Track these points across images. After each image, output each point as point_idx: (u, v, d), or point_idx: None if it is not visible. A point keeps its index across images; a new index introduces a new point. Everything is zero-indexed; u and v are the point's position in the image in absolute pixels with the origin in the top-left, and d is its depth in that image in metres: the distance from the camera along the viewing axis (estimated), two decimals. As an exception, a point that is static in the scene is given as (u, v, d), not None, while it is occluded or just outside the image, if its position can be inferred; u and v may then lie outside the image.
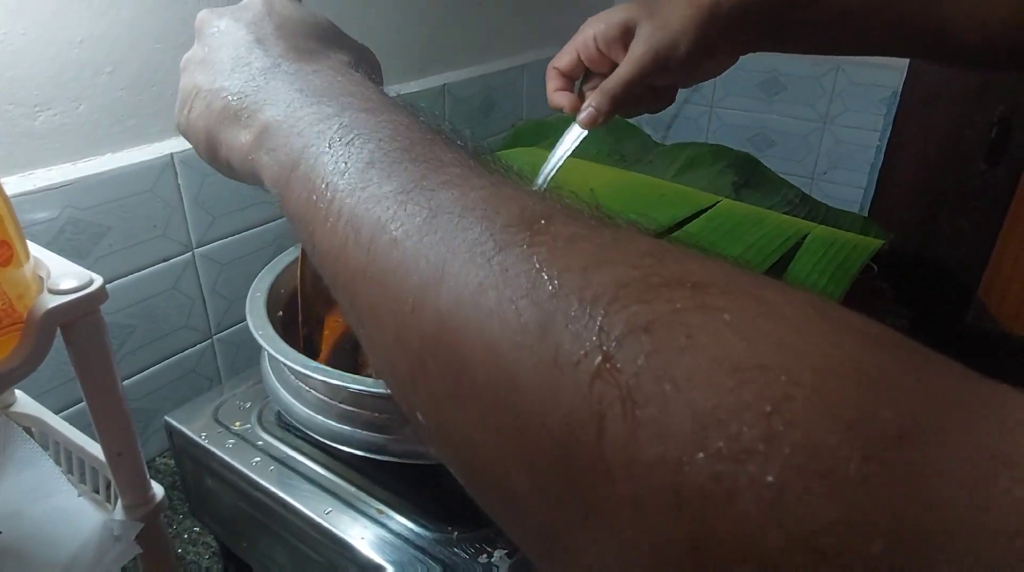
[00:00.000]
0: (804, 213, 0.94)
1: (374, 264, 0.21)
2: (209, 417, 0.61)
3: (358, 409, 0.51)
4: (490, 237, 0.19)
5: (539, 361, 0.16)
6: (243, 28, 0.33)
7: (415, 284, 0.20)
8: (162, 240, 0.70)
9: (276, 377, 0.57)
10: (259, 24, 0.33)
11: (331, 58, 0.32)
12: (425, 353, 0.20)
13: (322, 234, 0.24)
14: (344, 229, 0.23)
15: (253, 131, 0.29)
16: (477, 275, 0.19)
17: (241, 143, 0.30)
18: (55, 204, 0.61)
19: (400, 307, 0.20)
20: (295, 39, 0.33)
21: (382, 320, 0.21)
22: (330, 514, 0.52)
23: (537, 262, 0.18)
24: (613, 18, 0.51)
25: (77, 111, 0.63)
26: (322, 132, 0.26)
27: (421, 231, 0.21)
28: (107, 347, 0.40)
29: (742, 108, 1.29)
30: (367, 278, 0.22)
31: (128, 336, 0.69)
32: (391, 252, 0.21)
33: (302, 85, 0.29)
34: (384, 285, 0.21)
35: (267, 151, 0.28)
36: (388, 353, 0.21)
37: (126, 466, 0.43)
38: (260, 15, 0.34)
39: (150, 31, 0.66)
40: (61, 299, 0.36)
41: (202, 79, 0.33)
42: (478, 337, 0.18)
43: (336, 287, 0.24)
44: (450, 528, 0.51)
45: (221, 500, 0.61)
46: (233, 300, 0.78)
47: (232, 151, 0.31)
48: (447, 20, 0.99)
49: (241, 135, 0.30)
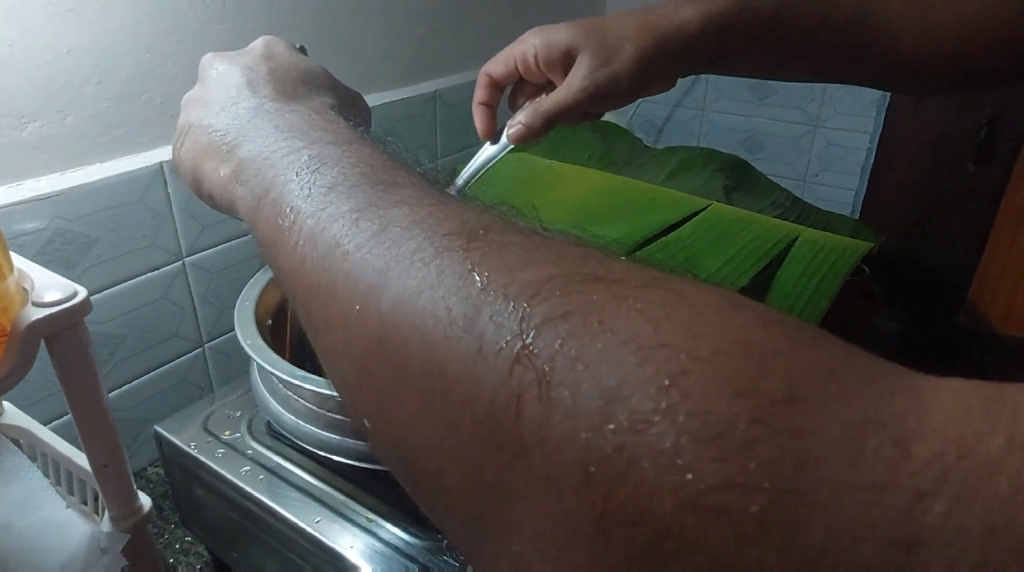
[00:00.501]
0: (795, 216, 0.94)
1: (327, 276, 0.23)
2: (199, 426, 0.61)
3: (347, 418, 0.51)
4: (430, 245, 0.21)
5: (466, 351, 0.18)
6: (238, 71, 0.35)
7: (361, 291, 0.21)
8: (152, 249, 0.69)
9: (265, 387, 0.57)
10: (254, 68, 0.36)
11: (313, 100, 0.35)
12: (369, 356, 0.21)
13: (285, 253, 0.25)
14: (303, 247, 0.24)
15: (231, 165, 0.31)
16: (415, 278, 0.20)
17: (220, 176, 0.32)
18: (43, 215, 0.61)
19: (348, 314, 0.22)
20: (283, 83, 0.35)
21: (333, 329, 0.23)
22: (320, 523, 0.52)
23: (470, 264, 0.20)
24: (556, 39, 0.51)
25: (65, 121, 0.62)
26: (291, 163, 0.28)
27: (370, 243, 0.22)
28: (91, 359, 0.39)
29: (733, 111, 1.29)
30: (321, 291, 0.23)
31: (118, 346, 0.69)
32: (342, 264, 0.22)
33: (279, 122, 0.31)
34: (335, 295, 0.22)
35: (242, 183, 0.30)
36: (338, 361, 0.23)
37: (112, 478, 0.43)
38: (257, 60, 0.36)
39: (138, 41, 0.66)
40: (45, 311, 0.36)
41: (195, 117, 0.35)
42: (414, 333, 0.19)
43: (296, 304, 0.26)
44: (440, 536, 0.51)
45: (211, 510, 0.61)
46: (223, 309, 0.78)
47: (213, 184, 0.33)
48: (437, 26, 0.99)
49: (221, 169, 0.32)
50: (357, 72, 0.89)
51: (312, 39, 0.82)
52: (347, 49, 0.87)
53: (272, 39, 0.39)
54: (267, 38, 0.39)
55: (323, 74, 0.38)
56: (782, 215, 0.93)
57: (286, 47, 0.39)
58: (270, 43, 0.38)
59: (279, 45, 0.38)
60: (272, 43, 0.38)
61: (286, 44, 0.39)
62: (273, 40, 0.39)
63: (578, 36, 0.51)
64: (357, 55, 0.89)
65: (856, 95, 1.16)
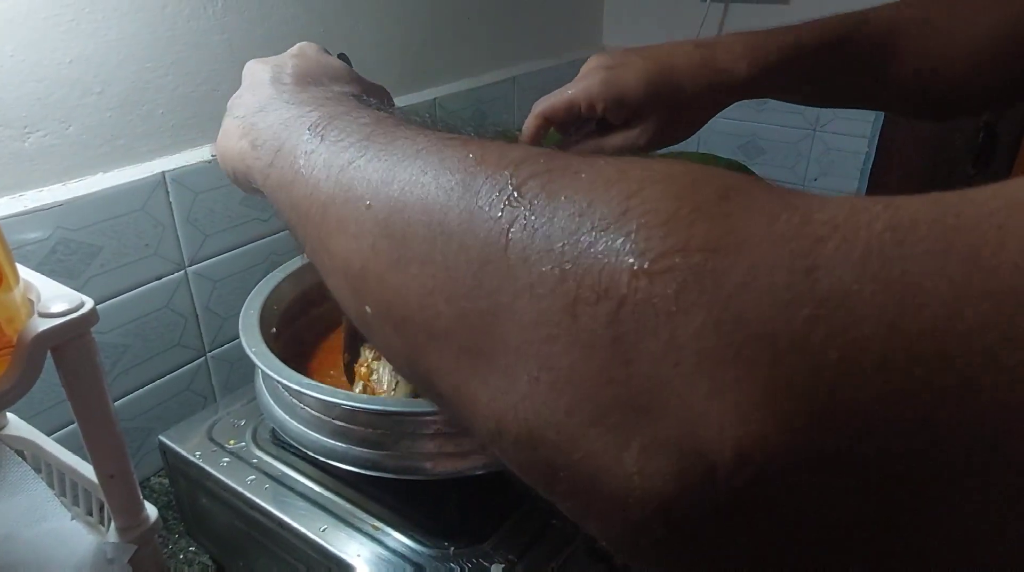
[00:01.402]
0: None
1: (340, 187, 0.27)
2: (203, 436, 0.61)
3: (352, 425, 0.51)
4: (432, 144, 0.25)
5: (464, 207, 0.22)
6: (268, 70, 0.39)
7: (373, 187, 0.25)
8: (154, 259, 0.69)
9: (270, 394, 0.57)
10: (282, 67, 0.39)
11: (331, 87, 0.38)
12: (377, 234, 0.24)
13: (300, 186, 0.29)
14: (319, 173, 0.28)
15: (248, 138, 0.35)
16: (420, 164, 0.24)
17: (238, 150, 0.36)
18: (46, 225, 0.61)
19: (358, 209, 0.25)
20: (306, 77, 0.39)
21: (345, 226, 0.26)
22: (326, 531, 0.52)
23: (468, 151, 0.23)
24: (624, 96, 0.54)
25: (67, 131, 0.63)
26: (303, 123, 0.31)
27: (379, 155, 0.26)
28: (99, 370, 0.39)
29: (732, 116, 1.29)
30: (334, 201, 0.27)
31: (121, 356, 0.69)
32: (355, 174, 0.26)
33: (292, 99, 0.35)
34: (347, 199, 0.26)
35: (256, 147, 0.34)
36: (346, 253, 0.26)
37: (119, 488, 0.43)
38: (286, 59, 0.40)
39: (139, 51, 0.66)
40: (52, 322, 0.36)
41: (233, 119, 0.39)
42: (419, 204, 0.23)
43: (307, 225, 0.29)
44: (447, 544, 0.51)
45: (216, 519, 0.61)
46: (226, 317, 0.78)
47: (232, 158, 0.37)
48: (437, 34, 1.00)
49: (239, 144, 0.36)
50: (357, 80, 0.89)
51: (313, 48, 0.82)
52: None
53: (307, 44, 0.42)
54: (303, 43, 0.43)
55: (347, 70, 0.42)
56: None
57: (317, 50, 0.42)
58: (304, 46, 0.42)
59: (311, 48, 0.42)
60: (305, 46, 0.42)
61: (318, 47, 0.43)
62: (307, 44, 0.42)
63: (647, 98, 0.54)
64: (357, 63, 0.88)
65: (854, 99, 1.16)
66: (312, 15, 0.81)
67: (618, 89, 0.53)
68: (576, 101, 0.55)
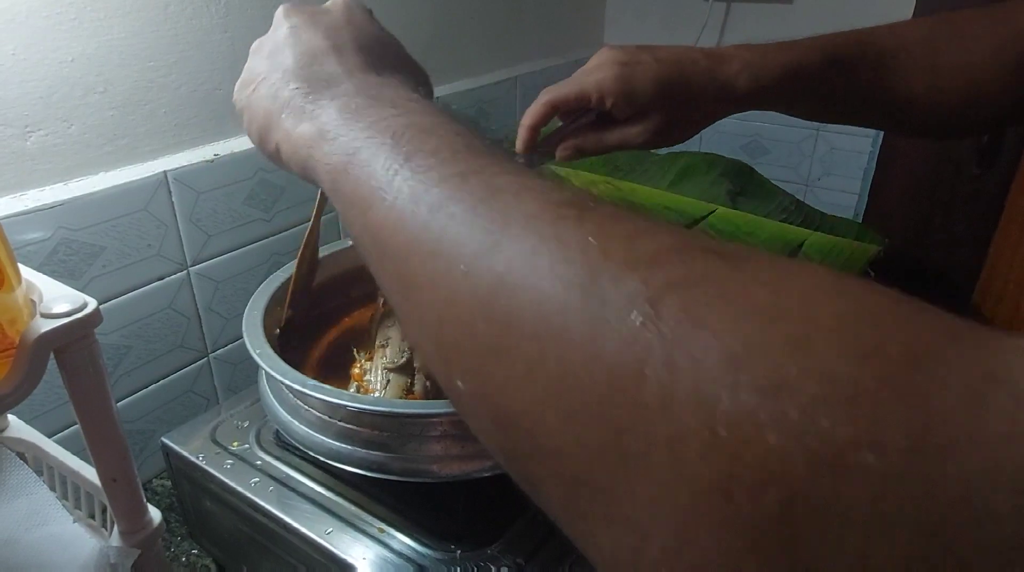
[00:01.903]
0: (799, 220, 0.94)
1: (429, 234, 0.23)
2: (206, 437, 0.61)
3: (357, 427, 0.51)
4: (545, 211, 0.21)
5: (586, 314, 0.18)
6: (321, 32, 0.35)
7: (471, 250, 0.22)
8: (157, 259, 0.69)
9: (274, 396, 0.56)
10: (338, 32, 0.35)
11: (397, 76, 0.35)
12: (475, 313, 0.21)
13: (378, 212, 0.25)
14: (402, 206, 0.24)
15: (316, 124, 0.31)
16: (531, 240, 0.21)
17: (299, 133, 0.32)
18: (48, 225, 0.60)
19: (453, 271, 0.22)
20: (367, 53, 0.35)
21: (435, 286, 0.23)
22: (331, 534, 0.51)
23: (587, 232, 0.20)
24: (635, 94, 0.54)
25: (69, 131, 0.62)
26: (386, 126, 0.28)
27: (480, 206, 0.23)
28: (102, 371, 0.39)
29: (735, 116, 1.29)
30: (421, 248, 0.23)
31: (123, 357, 0.69)
32: (448, 223, 0.23)
33: (370, 92, 0.32)
34: (438, 253, 0.23)
35: (327, 141, 0.30)
36: (434, 318, 0.23)
37: (122, 492, 0.43)
38: (339, 23, 0.36)
39: (141, 50, 0.65)
40: (54, 323, 0.36)
41: (271, 67, 0.35)
42: (529, 294, 0.20)
43: (384, 261, 0.26)
44: (453, 547, 0.51)
45: (220, 522, 0.60)
46: (229, 318, 0.77)
47: (287, 139, 0.32)
48: (439, 34, 0.99)
49: (300, 126, 0.32)
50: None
51: (315, 47, 0.81)
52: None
53: (352, 3, 0.38)
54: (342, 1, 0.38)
55: (399, 47, 0.38)
56: (787, 219, 0.92)
57: (365, 14, 0.38)
58: (351, 7, 0.37)
59: (360, 11, 0.38)
60: (352, 7, 0.37)
61: (364, 9, 0.38)
62: (354, 3, 0.38)
63: (656, 99, 0.54)
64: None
65: (858, 98, 1.16)
66: (315, 14, 0.80)
67: (631, 86, 0.53)
68: (587, 93, 0.55)
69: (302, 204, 0.82)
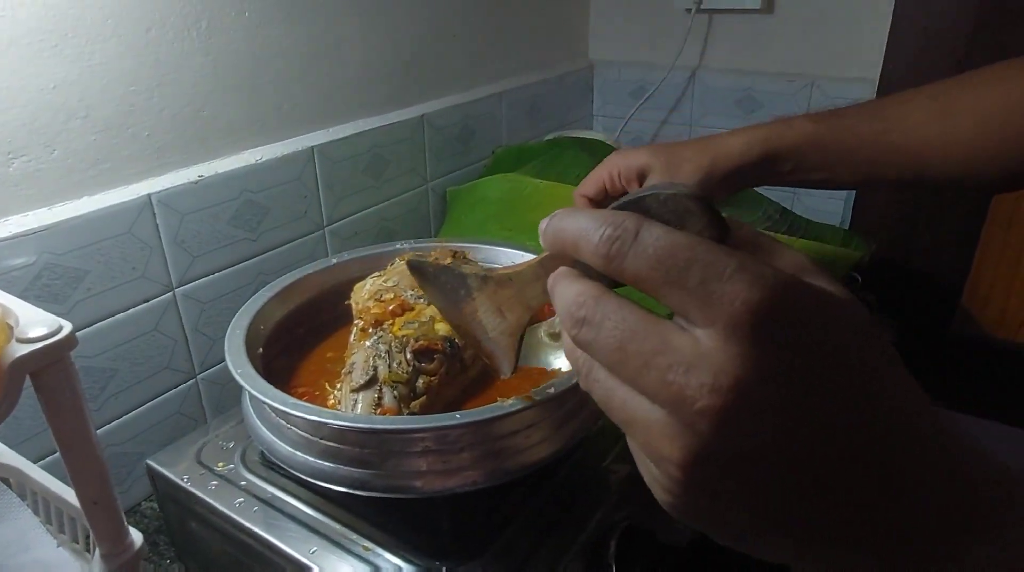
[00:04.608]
0: (785, 228, 0.94)
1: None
2: (192, 459, 0.60)
3: (340, 445, 0.51)
4: None
5: None
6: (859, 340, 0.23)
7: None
8: (142, 281, 0.69)
9: (257, 416, 0.56)
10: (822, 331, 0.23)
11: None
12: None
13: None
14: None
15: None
16: None
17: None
18: (31, 250, 0.60)
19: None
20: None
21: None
22: (315, 553, 0.51)
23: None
24: (633, 160, 0.68)
25: (52, 156, 0.62)
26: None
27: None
28: (79, 394, 0.39)
29: (721, 126, 1.30)
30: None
31: (109, 380, 0.69)
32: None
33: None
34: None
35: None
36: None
37: (102, 515, 0.43)
38: (809, 312, 0.23)
39: (123, 75, 0.66)
40: (30, 347, 0.36)
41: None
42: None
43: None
44: (438, 563, 0.51)
45: (206, 543, 0.60)
46: (216, 339, 0.77)
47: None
48: (424, 51, 1.00)
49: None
50: (342, 98, 0.90)
51: (298, 67, 0.82)
52: (332, 76, 0.87)
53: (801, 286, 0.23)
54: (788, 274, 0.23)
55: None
56: (772, 227, 0.93)
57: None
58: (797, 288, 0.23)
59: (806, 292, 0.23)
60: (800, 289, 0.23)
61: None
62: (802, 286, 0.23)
63: (651, 157, 0.67)
64: (343, 82, 0.89)
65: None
66: (298, 36, 0.81)
67: (626, 156, 0.69)
68: (600, 175, 0.71)
69: (287, 224, 0.82)
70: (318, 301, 0.70)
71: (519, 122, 1.22)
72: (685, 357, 0.22)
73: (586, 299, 0.25)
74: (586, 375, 0.26)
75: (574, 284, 0.26)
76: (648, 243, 0.23)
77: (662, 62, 1.29)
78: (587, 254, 0.25)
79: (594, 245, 0.25)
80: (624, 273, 0.24)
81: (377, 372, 0.53)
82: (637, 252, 0.24)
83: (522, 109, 1.22)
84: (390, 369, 0.54)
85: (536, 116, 1.26)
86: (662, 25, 1.30)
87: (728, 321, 0.21)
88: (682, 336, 0.22)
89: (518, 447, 0.51)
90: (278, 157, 0.80)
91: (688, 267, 0.22)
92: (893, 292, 1.20)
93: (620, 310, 0.24)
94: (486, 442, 0.50)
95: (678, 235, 0.23)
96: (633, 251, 0.24)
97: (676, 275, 0.22)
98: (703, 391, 0.21)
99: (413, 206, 1.02)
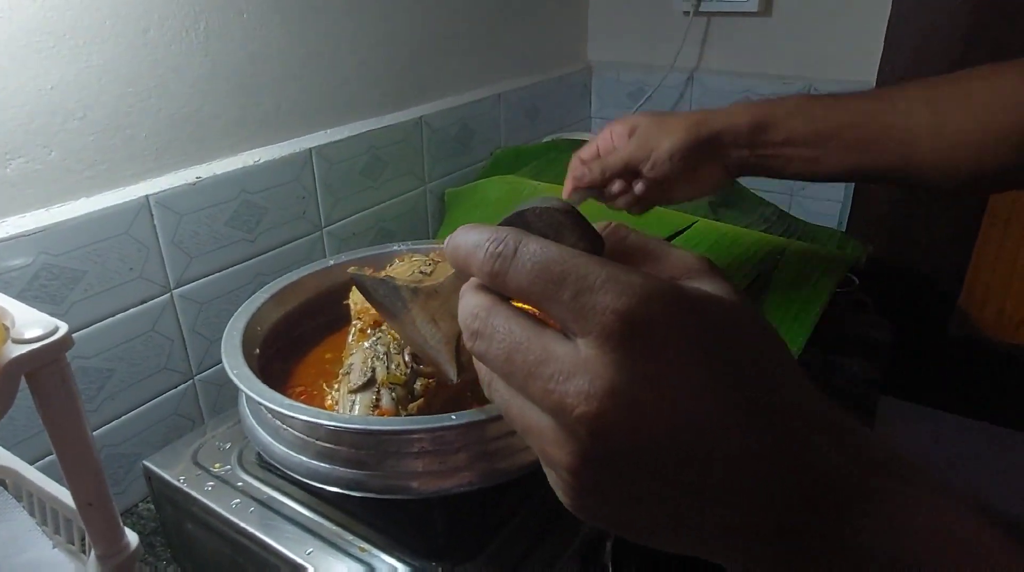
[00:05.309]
0: (782, 230, 0.94)
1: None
2: (188, 460, 0.60)
3: (337, 446, 0.51)
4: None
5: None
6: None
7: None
8: (139, 282, 0.69)
9: (254, 417, 0.56)
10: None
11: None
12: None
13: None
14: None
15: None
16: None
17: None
18: (28, 251, 0.60)
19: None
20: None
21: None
22: (312, 554, 0.51)
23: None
24: (626, 121, 0.71)
25: (49, 157, 0.63)
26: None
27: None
28: (74, 395, 0.39)
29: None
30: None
31: (106, 381, 0.69)
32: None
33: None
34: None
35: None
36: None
37: (97, 516, 0.43)
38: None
39: (120, 76, 0.66)
40: (25, 348, 0.36)
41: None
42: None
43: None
44: (434, 564, 0.51)
45: (203, 544, 0.60)
46: (213, 340, 0.77)
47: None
48: (422, 53, 1.00)
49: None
50: (341, 100, 0.90)
51: (296, 68, 0.82)
52: (330, 77, 0.88)
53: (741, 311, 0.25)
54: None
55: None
56: (769, 230, 0.93)
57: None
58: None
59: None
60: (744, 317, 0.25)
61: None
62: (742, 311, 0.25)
63: (641, 117, 0.70)
64: (340, 83, 0.89)
65: (838, 108, 1.17)
66: (296, 37, 0.81)
67: (622, 119, 0.72)
68: (597, 138, 0.75)
69: (285, 225, 0.82)
70: (316, 302, 0.70)
71: (517, 124, 1.22)
72: (565, 366, 0.23)
73: (479, 311, 0.26)
74: (487, 385, 0.27)
75: (472, 297, 0.26)
76: (526, 258, 0.24)
77: (660, 64, 1.30)
78: (476, 271, 0.26)
79: (480, 261, 0.25)
80: (508, 288, 0.25)
81: (375, 373, 0.53)
82: (516, 268, 0.24)
83: (520, 111, 1.22)
84: (388, 371, 0.54)
85: (534, 118, 1.26)
86: (660, 27, 1.30)
87: (601, 331, 0.22)
88: (564, 345, 0.23)
89: (514, 448, 0.51)
90: (276, 158, 0.80)
91: (562, 280, 0.23)
92: (890, 294, 1.20)
93: (508, 321, 0.25)
94: (482, 443, 0.51)
95: (552, 249, 0.24)
96: (513, 267, 0.24)
97: (552, 289, 0.23)
98: (580, 398, 0.22)
99: (411, 207, 1.02)
